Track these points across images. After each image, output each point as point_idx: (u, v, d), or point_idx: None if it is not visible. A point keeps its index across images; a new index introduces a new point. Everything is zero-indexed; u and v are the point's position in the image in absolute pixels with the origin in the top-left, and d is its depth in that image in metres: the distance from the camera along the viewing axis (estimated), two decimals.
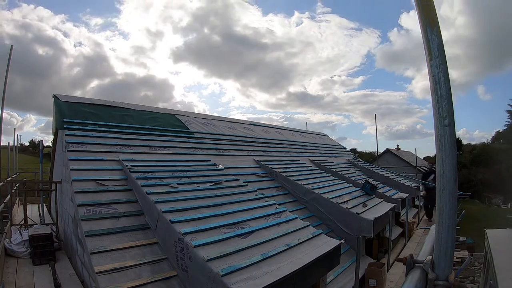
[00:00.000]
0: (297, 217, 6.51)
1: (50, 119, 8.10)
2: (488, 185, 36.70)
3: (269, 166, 10.26)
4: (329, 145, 19.25)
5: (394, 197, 12.20)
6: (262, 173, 9.85)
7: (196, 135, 10.17)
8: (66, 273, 6.05)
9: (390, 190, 13.30)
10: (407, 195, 13.74)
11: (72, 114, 7.67)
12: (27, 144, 62.30)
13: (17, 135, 19.03)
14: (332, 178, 11.58)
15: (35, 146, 57.23)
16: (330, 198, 8.92)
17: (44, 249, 6.65)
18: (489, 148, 47.82)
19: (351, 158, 18.91)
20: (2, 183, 9.77)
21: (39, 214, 10.84)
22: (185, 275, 4.60)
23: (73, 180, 5.79)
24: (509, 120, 30.59)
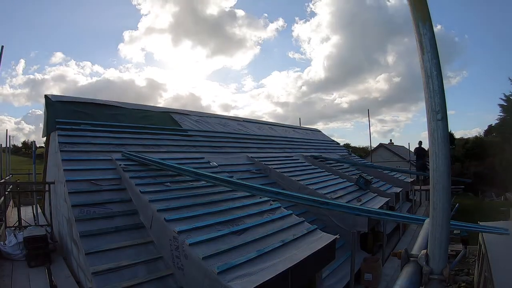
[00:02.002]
0: (291, 213, 6.52)
1: None
2: (481, 179, 36.94)
3: (263, 162, 10.26)
4: (322, 140, 19.30)
5: (388, 191, 12.27)
6: (256, 170, 9.85)
7: (189, 132, 10.15)
8: (61, 274, 6.01)
9: (384, 184, 13.37)
10: (401, 189, 13.82)
11: (64, 114, 7.61)
12: (19, 145, 61.84)
13: (10, 136, 18.81)
14: (326, 173, 11.61)
15: (28, 147, 56.80)
16: (325, 194, 8.96)
17: (39, 251, 6.60)
18: (482, 142, 48.14)
19: (344, 153, 18.97)
20: None
21: (33, 216, 10.76)
22: (181, 274, 4.60)
23: (66, 181, 5.75)
24: (501, 113, 30.76)
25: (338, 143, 21.64)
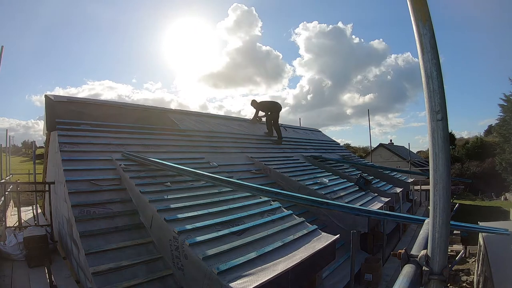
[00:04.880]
0: (292, 213, 6.51)
1: None
2: (481, 179, 36.96)
3: (263, 162, 10.26)
4: (322, 140, 19.27)
5: (388, 191, 12.26)
6: (255, 170, 9.84)
7: (189, 132, 10.14)
8: (62, 274, 6.01)
9: (384, 184, 13.35)
10: (401, 189, 13.82)
11: (64, 114, 7.61)
12: (19, 145, 61.89)
13: (9, 136, 18.81)
14: (326, 173, 11.59)
15: (28, 147, 56.87)
16: (325, 194, 8.96)
17: (39, 251, 6.59)
18: (482, 142, 48.20)
19: (344, 153, 18.96)
20: None
21: (33, 216, 10.76)
22: (181, 274, 4.60)
23: (66, 181, 5.75)
24: (501, 113, 30.70)
25: (338, 143, 21.62)
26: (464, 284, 10.12)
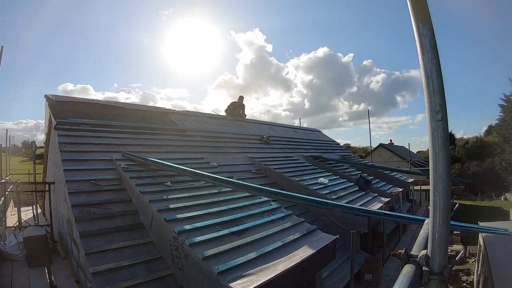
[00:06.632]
0: (291, 213, 6.51)
1: None
2: (481, 179, 36.91)
3: (263, 163, 10.26)
4: (322, 141, 19.27)
5: (388, 191, 12.25)
6: (256, 170, 9.84)
7: (189, 133, 10.14)
8: (62, 274, 6.00)
9: (384, 184, 13.35)
10: (401, 189, 13.81)
11: (64, 114, 7.60)
12: (19, 145, 61.89)
13: (9, 136, 18.79)
14: (326, 173, 11.59)
15: (28, 147, 56.87)
16: (325, 194, 8.96)
17: (39, 251, 6.58)
18: (482, 142, 48.18)
19: (344, 153, 18.96)
20: None
21: (33, 216, 10.76)
22: (180, 274, 4.59)
23: (66, 181, 5.75)
24: (501, 113, 30.67)
25: (338, 143, 21.61)
26: (464, 284, 10.11)
